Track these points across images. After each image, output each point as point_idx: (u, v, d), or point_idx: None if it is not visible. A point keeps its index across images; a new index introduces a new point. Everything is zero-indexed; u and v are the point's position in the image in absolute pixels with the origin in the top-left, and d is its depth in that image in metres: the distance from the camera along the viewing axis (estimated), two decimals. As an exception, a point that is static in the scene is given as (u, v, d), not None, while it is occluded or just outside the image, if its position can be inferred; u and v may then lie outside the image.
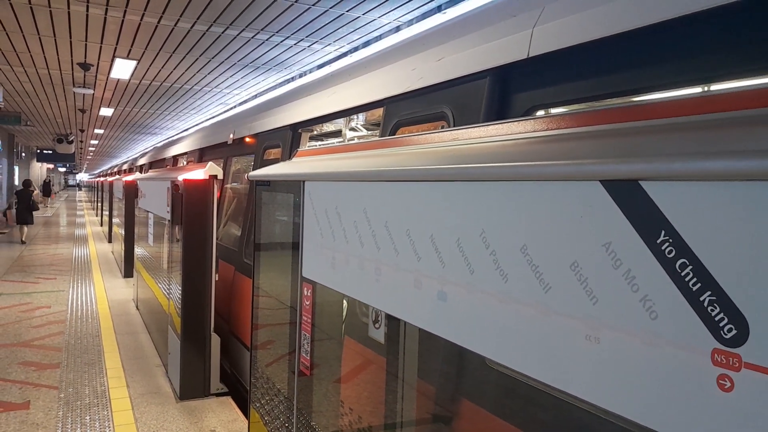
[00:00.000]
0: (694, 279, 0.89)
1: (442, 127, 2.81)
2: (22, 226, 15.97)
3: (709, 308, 0.87)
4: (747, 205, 0.83)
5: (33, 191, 16.59)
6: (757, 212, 0.82)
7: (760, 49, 1.42)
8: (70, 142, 22.74)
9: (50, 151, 29.92)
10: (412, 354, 2.22)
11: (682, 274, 0.91)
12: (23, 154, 30.67)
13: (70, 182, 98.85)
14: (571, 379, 1.12)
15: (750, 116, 0.91)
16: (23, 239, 16.04)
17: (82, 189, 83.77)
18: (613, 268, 1.02)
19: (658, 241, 0.95)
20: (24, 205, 15.79)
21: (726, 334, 0.85)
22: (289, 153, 4.83)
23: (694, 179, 0.89)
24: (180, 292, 5.08)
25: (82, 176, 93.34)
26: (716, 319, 0.86)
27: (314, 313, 2.63)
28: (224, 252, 6.33)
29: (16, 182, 26.75)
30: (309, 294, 2.60)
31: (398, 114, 3.04)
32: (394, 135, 3.07)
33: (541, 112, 2.32)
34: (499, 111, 2.32)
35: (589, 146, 1.12)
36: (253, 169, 5.83)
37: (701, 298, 0.88)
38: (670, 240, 0.93)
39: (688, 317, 0.90)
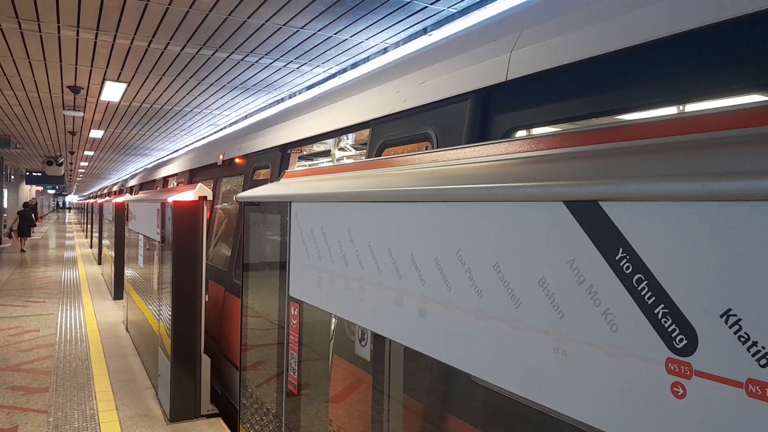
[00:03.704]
0: (649, 293, 0.95)
1: (426, 148, 2.88)
2: (24, 238, 20.42)
3: (663, 320, 0.93)
4: (695, 224, 0.90)
5: (30, 213, 21.45)
6: (704, 231, 0.88)
7: (725, 73, 1.50)
8: (60, 165, 22.69)
9: (39, 174, 29.80)
10: (398, 370, 2.26)
11: (639, 288, 0.97)
12: (12, 177, 30.51)
13: (66, 204, 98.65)
14: (543, 390, 1.18)
15: (701, 140, 0.98)
16: (23, 249, 20.22)
17: (71, 210, 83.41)
18: (577, 284, 1.08)
19: (617, 258, 1.01)
20: (25, 222, 20.44)
21: (678, 344, 0.91)
22: (278, 173, 4.89)
23: (647, 200, 0.96)
24: (170, 313, 5.09)
25: (72, 198, 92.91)
26: (669, 330, 0.92)
27: (302, 333, 2.67)
28: (214, 272, 6.35)
29: (5, 205, 26.87)
30: (296, 313, 2.64)
31: (384, 135, 3.11)
32: (380, 155, 3.14)
33: (522, 132, 2.40)
34: (481, 132, 2.40)
35: (554, 168, 1.19)
36: (243, 190, 5.88)
37: (656, 311, 0.94)
38: (628, 257, 0.99)
39: (645, 329, 0.96)
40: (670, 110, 2.12)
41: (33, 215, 22.46)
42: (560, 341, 1.12)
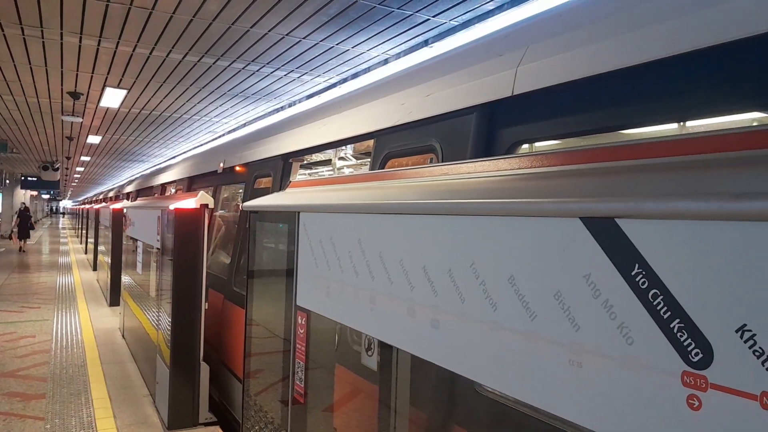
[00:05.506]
0: (665, 308, 0.99)
1: (431, 160, 2.92)
2: (24, 240, 22.20)
3: (678, 334, 0.97)
4: (711, 242, 0.93)
5: (30, 215, 23.30)
6: (720, 249, 0.92)
7: (736, 91, 1.53)
8: (56, 170, 22.72)
9: (35, 178, 29.71)
10: (404, 381, 2.28)
11: (654, 303, 1.01)
12: (7, 181, 30.43)
13: (60, 209, 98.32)
14: (557, 401, 1.21)
15: (718, 160, 1.02)
16: (22, 249, 21.80)
17: (65, 216, 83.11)
18: (593, 298, 1.12)
19: (633, 273, 1.05)
20: (24, 224, 22.18)
21: (693, 358, 0.94)
22: (280, 182, 4.92)
23: (663, 218, 1.00)
24: (169, 320, 5.09)
25: (66, 203, 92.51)
26: (685, 344, 0.96)
27: (308, 341, 2.69)
28: (213, 280, 6.35)
29: (0, 209, 27.08)
30: (303, 322, 2.66)
31: (388, 146, 3.14)
32: (384, 166, 3.17)
33: (525, 146, 2.44)
34: (486, 145, 2.44)
35: (569, 185, 1.22)
36: (244, 198, 5.90)
37: (671, 325, 0.98)
38: (643, 272, 1.03)
39: (660, 343, 0.99)
40: (673, 128, 2.16)
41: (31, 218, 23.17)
42: (576, 353, 1.15)
